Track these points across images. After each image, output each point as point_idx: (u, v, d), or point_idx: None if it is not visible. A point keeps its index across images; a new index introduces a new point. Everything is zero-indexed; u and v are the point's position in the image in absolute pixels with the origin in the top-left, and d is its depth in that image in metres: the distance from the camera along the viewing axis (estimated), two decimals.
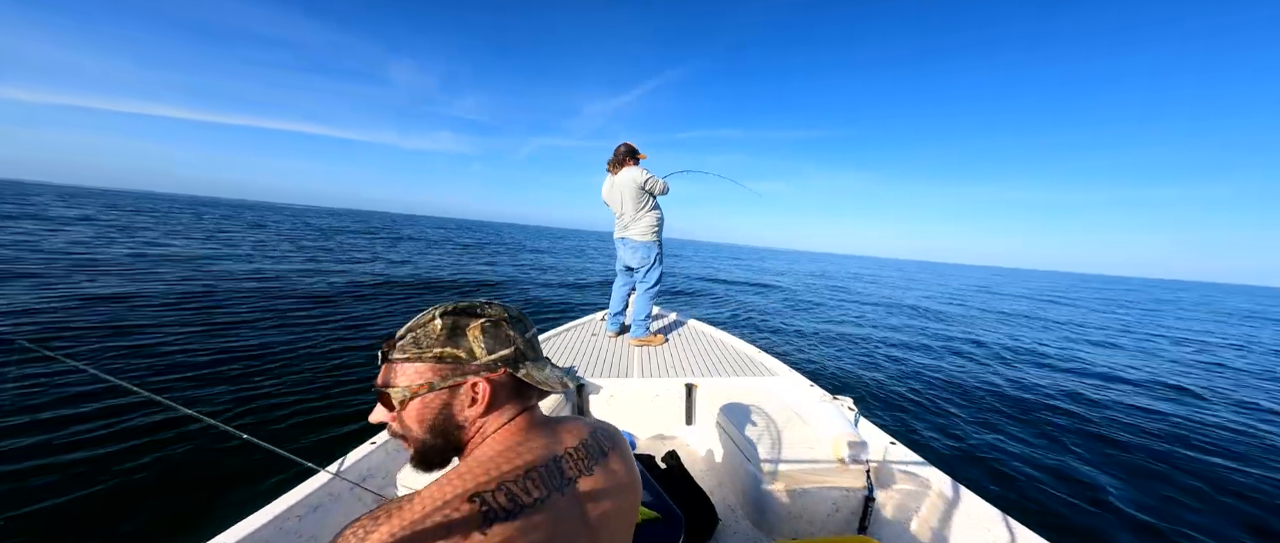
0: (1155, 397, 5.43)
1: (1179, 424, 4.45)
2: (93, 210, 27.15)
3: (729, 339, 3.43)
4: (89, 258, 9.74)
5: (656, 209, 3.34)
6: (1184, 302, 28.74)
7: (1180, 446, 3.92)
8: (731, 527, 1.74)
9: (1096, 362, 7.36)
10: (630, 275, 3.51)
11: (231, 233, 19.75)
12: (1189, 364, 7.75)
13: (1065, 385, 5.61)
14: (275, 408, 3.65)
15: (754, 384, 2.44)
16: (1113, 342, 9.69)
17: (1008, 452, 3.61)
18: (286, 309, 7.01)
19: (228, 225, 24.78)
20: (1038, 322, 12.25)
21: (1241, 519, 2.87)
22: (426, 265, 14.65)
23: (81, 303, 6.23)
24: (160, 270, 9.17)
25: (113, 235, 14.41)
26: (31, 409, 3.27)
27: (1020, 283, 41.26)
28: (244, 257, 12.51)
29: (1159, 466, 3.51)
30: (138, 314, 6.00)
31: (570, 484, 0.63)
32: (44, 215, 19.68)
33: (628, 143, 3.30)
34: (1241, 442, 4.08)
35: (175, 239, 15.04)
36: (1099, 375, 6.34)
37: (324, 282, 9.84)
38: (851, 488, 1.57)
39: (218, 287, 8.17)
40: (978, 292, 22.51)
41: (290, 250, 15.06)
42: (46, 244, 11.11)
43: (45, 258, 9.15)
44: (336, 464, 1.48)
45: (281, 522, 1.22)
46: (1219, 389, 5.96)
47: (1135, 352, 8.60)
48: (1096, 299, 24.21)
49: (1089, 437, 3.98)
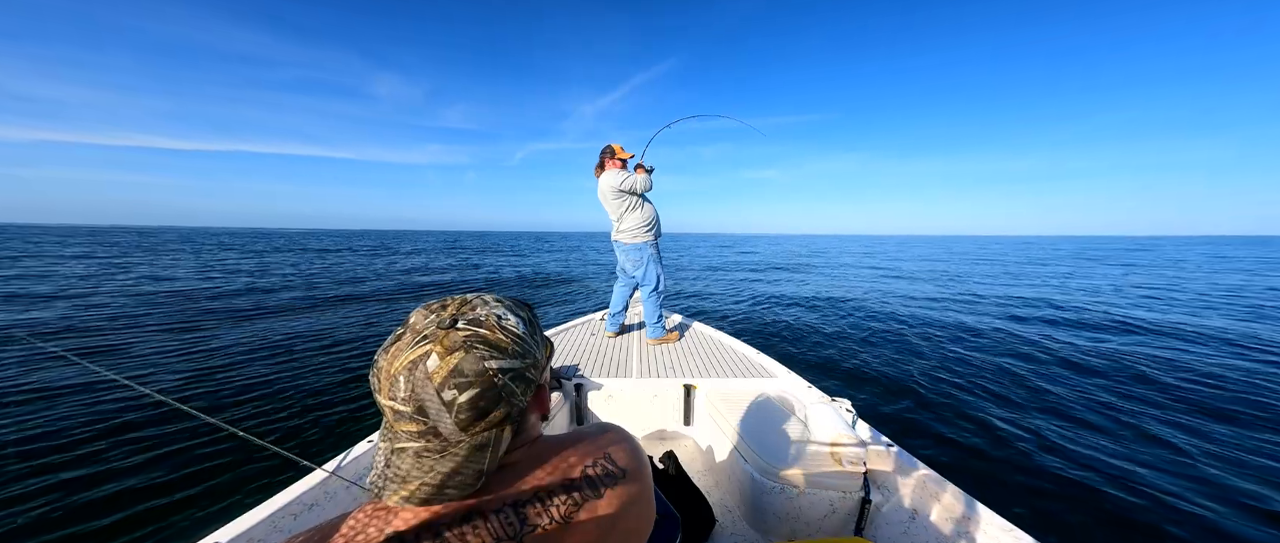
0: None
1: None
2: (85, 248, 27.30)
3: (728, 340, 3.43)
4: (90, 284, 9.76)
5: (644, 208, 3.22)
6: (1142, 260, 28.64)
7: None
8: (728, 528, 1.74)
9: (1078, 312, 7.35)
10: (629, 278, 3.45)
11: (220, 253, 19.79)
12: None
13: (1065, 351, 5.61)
14: (272, 406, 3.66)
15: (752, 385, 2.44)
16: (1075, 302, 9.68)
17: (1007, 448, 3.60)
18: (284, 310, 7.02)
19: (219, 250, 24.85)
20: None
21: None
22: (411, 271, 14.66)
23: (84, 308, 6.24)
24: (157, 287, 9.19)
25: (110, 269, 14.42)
26: (31, 409, 3.28)
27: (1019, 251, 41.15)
28: (235, 271, 12.53)
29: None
30: (138, 315, 6.00)
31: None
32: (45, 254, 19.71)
33: (610, 145, 3.17)
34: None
35: (164, 262, 15.05)
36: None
37: (319, 287, 9.86)
38: (848, 490, 1.57)
39: (215, 290, 8.18)
40: (978, 261, 22.51)
41: (282, 263, 15.06)
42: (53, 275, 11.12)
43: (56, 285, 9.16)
44: (333, 462, 1.49)
45: (277, 520, 1.22)
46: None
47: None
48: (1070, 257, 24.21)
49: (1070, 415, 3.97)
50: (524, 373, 0.53)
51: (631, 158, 3.22)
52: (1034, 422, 4.30)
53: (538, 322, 0.62)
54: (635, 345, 3.25)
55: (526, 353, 0.54)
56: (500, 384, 0.50)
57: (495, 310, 0.55)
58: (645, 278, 3.31)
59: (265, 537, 1.18)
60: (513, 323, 0.55)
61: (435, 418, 0.48)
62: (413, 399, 0.48)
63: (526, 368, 0.54)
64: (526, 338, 0.55)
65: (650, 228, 3.26)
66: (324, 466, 1.32)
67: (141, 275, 9.52)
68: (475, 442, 0.50)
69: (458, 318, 0.53)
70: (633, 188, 3.12)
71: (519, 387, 0.53)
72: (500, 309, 0.56)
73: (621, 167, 3.20)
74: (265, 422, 3.43)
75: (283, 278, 10.39)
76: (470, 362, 0.49)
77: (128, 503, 2.42)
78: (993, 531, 1.30)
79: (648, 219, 3.24)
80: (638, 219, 3.20)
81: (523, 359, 0.53)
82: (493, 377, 0.50)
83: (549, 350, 0.62)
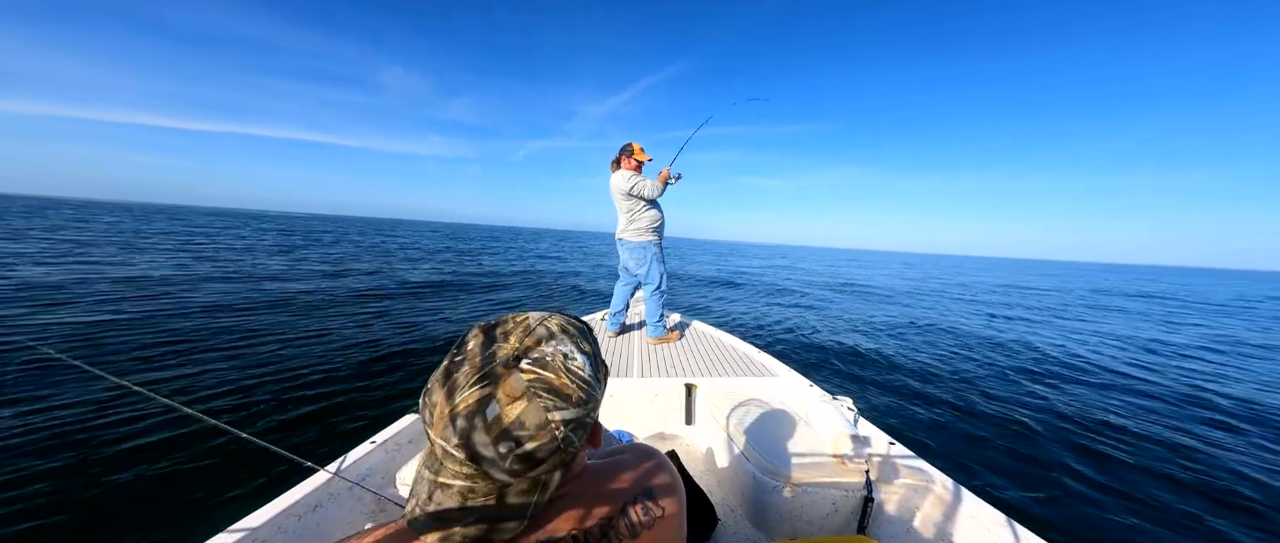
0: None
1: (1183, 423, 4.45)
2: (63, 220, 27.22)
3: (729, 339, 3.43)
4: (87, 270, 9.76)
5: (651, 210, 3.24)
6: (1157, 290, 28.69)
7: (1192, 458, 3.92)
8: (731, 527, 1.75)
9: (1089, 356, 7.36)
10: (631, 276, 3.46)
11: (220, 241, 19.80)
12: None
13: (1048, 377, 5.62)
14: (274, 407, 3.66)
15: (754, 384, 2.44)
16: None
17: (1007, 445, 3.61)
18: (282, 311, 7.03)
19: (220, 235, 24.82)
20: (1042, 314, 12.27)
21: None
22: (417, 268, 14.65)
23: (84, 309, 6.24)
24: (153, 281, 9.19)
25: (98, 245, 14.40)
26: (31, 410, 3.28)
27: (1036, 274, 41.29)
28: (237, 262, 12.54)
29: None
30: (137, 317, 6.01)
31: None
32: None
33: (630, 144, 3.16)
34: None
35: (164, 249, 15.06)
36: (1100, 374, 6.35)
37: (320, 284, 9.86)
38: (850, 488, 1.57)
39: (214, 292, 8.18)
40: (997, 287, 22.57)
41: (283, 254, 15.08)
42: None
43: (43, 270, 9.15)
44: (336, 463, 1.49)
45: (281, 521, 1.22)
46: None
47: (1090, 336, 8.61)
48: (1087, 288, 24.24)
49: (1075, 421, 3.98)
50: (584, 419, 0.50)
51: (649, 161, 3.23)
52: (1034, 422, 4.30)
53: (599, 350, 0.58)
54: (636, 345, 3.25)
55: (590, 398, 0.51)
56: (561, 437, 0.48)
57: (562, 348, 0.51)
58: (648, 277, 3.33)
59: (268, 538, 1.18)
60: (579, 364, 0.51)
61: (488, 466, 0.46)
62: (467, 446, 0.46)
63: (588, 413, 0.51)
64: (592, 381, 0.52)
65: (654, 230, 3.29)
66: (327, 467, 1.33)
67: (136, 267, 9.53)
68: (523, 486, 0.49)
69: (522, 355, 0.50)
70: (640, 192, 3.14)
71: (578, 436, 0.50)
72: (568, 346, 0.52)
73: (637, 168, 3.22)
74: (266, 422, 3.44)
75: (282, 270, 10.42)
76: (533, 414, 0.46)
77: (129, 504, 2.42)
78: (995, 528, 1.30)
79: (654, 220, 3.28)
80: (644, 220, 3.24)
81: (586, 406, 0.50)
82: (554, 430, 0.47)
83: (604, 377, 0.59)
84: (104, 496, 2.46)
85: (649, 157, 3.20)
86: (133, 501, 2.45)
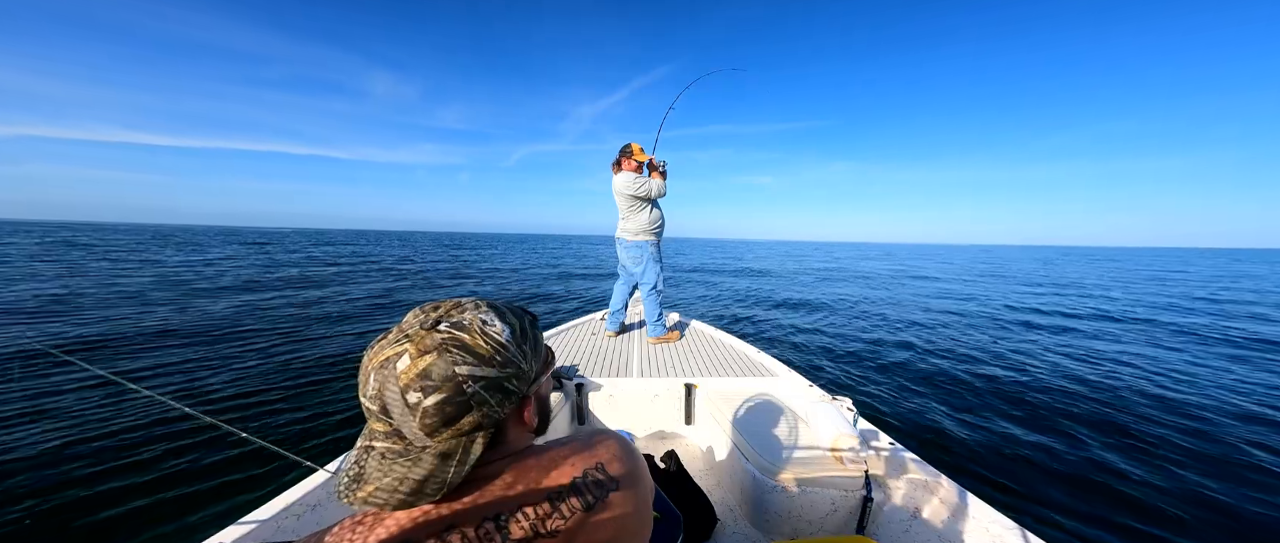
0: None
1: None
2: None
3: (729, 339, 3.43)
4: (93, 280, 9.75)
5: (652, 209, 3.28)
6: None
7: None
8: (730, 527, 1.75)
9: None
10: (629, 275, 3.48)
11: (220, 252, 19.79)
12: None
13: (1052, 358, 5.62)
14: (274, 407, 3.66)
15: (753, 384, 2.44)
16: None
17: (1008, 444, 3.61)
18: (282, 313, 7.03)
19: (208, 248, 24.84)
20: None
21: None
22: (415, 276, 14.65)
23: (86, 312, 6.24)
24: (155, 285, 9.20)
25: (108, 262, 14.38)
26: (29, 407, 3.28)
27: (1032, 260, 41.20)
28: (235, 270, 12.53)
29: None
30: (136, 318, 6.01)
31: None
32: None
33: (629, 145, 3.20)
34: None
35: (156, 261, 15.03)
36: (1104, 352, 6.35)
37: (315, 289, 9.86)
38: (850, 488, 1.57)
39: (213, 295, 8.19)
40: (984, 275, 22.56)
41: (282, 262, 15.07)
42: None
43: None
44: (335, 463, 1.49)
45: (280, 520, 1.22)
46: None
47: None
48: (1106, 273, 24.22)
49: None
50: (502, 383, 0.52)
51: (648, 160, 3.29)
52: (1034, 420, 4.30)
53: (534, 331, 0.60)
54: (636, 345, 3.26)
55: (508, 362, 0.53)
56: (470, 392, 0.49)
57: (482, 315, 0.54)
58: (644, 276, 3.35)
59: (268, 538, 1.18)
60: (497, 329, 0.53)
61: (400, 420, 0.48)
62: (379, 397, 0.48)
63: (506, 378, 0.52)
64: (509, 346, 0.53)
65: (653, 229, 3.32)
66: (326, 467, 1.33)
67: (135, 275, 9.53)
68: (440, 449, 0.49)
69: (442, 320, 0.52)
70: (648, 194, 3.20)
71: (494, 397, 0.51)
72: (488, 315, 0.54)
73: (638, 168, 3.26)
74: (267, 423, 3.44)
75: (278, 277, 10.43)
76: (440, 366, 0.48)
77: (130, 504, 2.42)
78: (995, 528, 1.30)
79: (654, 220, 3.31)
80: (644, 219, 3.27)
81: (502, 368, 0.52)
82: (462, 383, 0.48)
83: (546, 361, 0.62)
84: (104, 496, 2.47)
85: (648, 156, 3.26)
86: (133, 500, 2.45)
